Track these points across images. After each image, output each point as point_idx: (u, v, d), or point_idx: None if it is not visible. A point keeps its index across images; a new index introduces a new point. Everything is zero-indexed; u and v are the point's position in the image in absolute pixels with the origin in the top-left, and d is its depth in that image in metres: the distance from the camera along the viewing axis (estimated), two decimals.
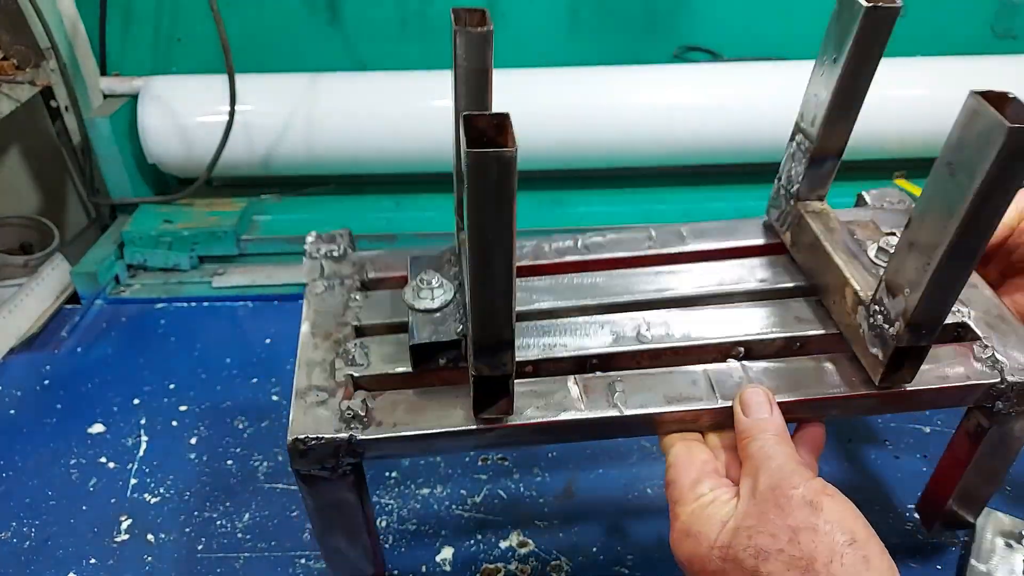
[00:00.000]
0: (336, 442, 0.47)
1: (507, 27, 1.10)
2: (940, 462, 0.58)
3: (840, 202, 1.05)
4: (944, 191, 0.40)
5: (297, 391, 0.49)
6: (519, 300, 0.55)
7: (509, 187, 0.36)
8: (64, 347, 0.87)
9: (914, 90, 1.04)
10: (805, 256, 0.57)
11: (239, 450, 0.73)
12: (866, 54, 0.50)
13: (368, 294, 0.58)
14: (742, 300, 0.56)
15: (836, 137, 0.54)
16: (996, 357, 0.50)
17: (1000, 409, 0.51)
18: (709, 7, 1.11)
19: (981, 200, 0.38)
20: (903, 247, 0.44)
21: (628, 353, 0.52)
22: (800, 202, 0.58)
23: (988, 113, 0.36)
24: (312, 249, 0.61)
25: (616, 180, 1.14)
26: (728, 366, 0.51)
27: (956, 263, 0.41)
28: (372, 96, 1.04)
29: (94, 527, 0.65)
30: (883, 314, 0.47)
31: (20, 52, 0.95)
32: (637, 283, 0.57)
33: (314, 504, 0.50)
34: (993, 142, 0.36)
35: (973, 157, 0.37)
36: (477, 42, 0.46)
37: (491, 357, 0.44)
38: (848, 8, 0.49)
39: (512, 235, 0.38)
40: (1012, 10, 1.13)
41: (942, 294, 0.43)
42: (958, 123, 0.38)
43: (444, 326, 0.49)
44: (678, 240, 0.61)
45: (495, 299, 0.41)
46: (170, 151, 1.03)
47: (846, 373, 0.50)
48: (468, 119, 0.36)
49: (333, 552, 0.54)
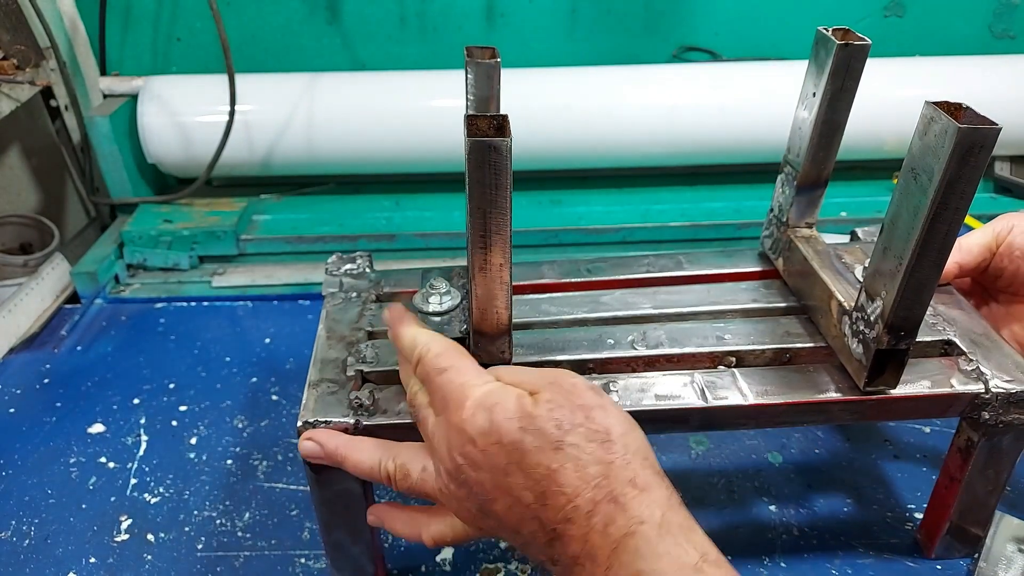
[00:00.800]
0: (343, 427, 0.50)
1: (507, 27, 1.10)
2: (936, 485, 0.58)
3: (841, 202, 1.05)
4: (910, 195, 0.43)
5: (310, 383, 0.53)
6: (524, 312, 0.58)
7: (505, 174, 0.40)
8: (64, 346, 0.87)
9: (913, 90, 1.04)
10: (795, 279, 0.60)
11: (239, 449, 0.73)
12: (841, 87, 0.53)
13: (383, 305, 0.61)
14: (735, 317, 0.59)
15: (820, 167, 0.58)
16: (981, 369, 0.52)
17: (987, 420, 0.52)
18: (709, 7, 1.11)
19: (942, 199, 0.41)
20: (878, 252, 0.47)
21: (624, 359, 0.54)
22: (790, 229, 0.61)
23: (941, 118, 0.40)
24: (333, 267, 0.64)
25: (616, 180, 1.14)
26: (718, 371, 0.53)
27: (926, 262, 0.44)
28: (372, 96, 1.04)
29: (94, 526, 0.65)
30: (864, 319, 0.49)
31: (20, 52, 0.95)
32: (635, 300, 0.60)
33: (320, 495, 0.52)
34: (948, 143, 0.39)
35: (932, 160, 0.41)
36: (487, 72, 0.53)
37: (490, 344, 0.48)
38: (823, 45, 0.53)
39: (508, 220, 0.42)
40: (1010, 10, 1.13)
41: (916, 294, 0.45)
42: (917, 131, 0.42)
43: (449, 326, 0.53)
44: (676, 267, 0.64)
45: (494, 285, 0.45)
46: (170, 151, 1.03)
47: (833, 380, 0.52)
48: (470, 119, 0.41)
49: (336, 549, 0.56)
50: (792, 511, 0.65)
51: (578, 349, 0.54)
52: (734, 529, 0.64)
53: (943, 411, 0.52)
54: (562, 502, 0.39)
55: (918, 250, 0.43)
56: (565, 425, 0.40)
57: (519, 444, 0.40)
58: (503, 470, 0.41)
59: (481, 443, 0.41)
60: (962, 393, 0.51)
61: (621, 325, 0.57)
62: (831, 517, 0.65)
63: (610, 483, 0.39)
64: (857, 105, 0.55)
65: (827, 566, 0.61)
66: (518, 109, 1.05)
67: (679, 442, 0.73)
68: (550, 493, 0.40)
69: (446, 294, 0.55)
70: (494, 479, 0.41)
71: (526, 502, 0.40)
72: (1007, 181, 1.10)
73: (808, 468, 0.70)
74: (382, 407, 0.51)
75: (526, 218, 1.06)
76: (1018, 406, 0.51)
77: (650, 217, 1.06)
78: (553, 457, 0.40)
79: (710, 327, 0.56)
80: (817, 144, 0.56)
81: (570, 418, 0.40)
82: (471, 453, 0.42)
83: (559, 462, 0.39)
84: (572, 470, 0.39)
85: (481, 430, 0.41)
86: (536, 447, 0.40)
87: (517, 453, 0.40)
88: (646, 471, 0.40)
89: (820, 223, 1.03)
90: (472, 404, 0.42)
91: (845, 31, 0.52)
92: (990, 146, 0.39)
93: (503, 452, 0.41)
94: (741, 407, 0.51)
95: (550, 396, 0.41)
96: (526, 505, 0.40)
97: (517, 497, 0.41)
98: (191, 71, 1.09)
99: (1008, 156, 1.12)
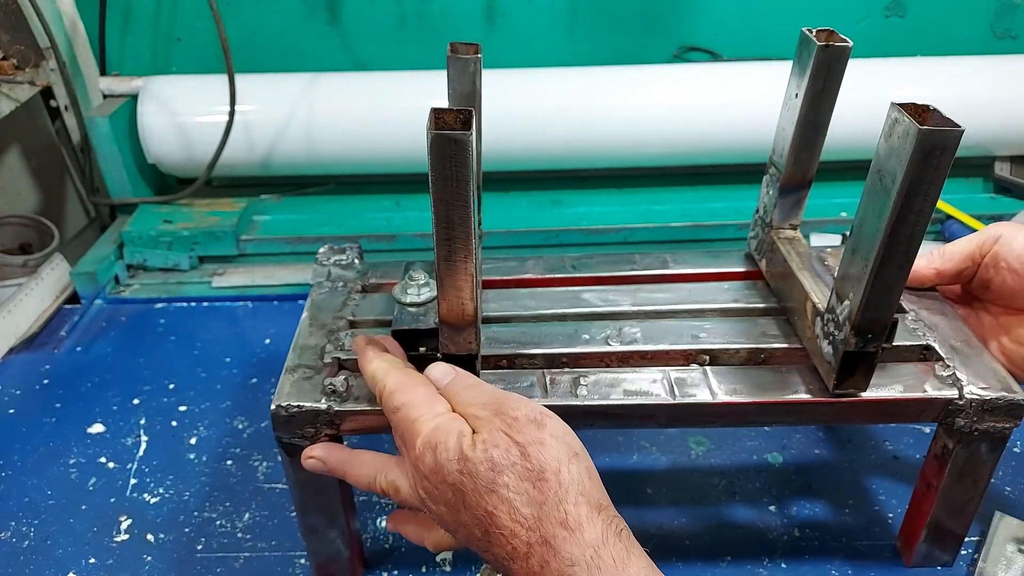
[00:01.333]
0: (316, 411, 0.50)
1: (507, 27, 1.10)
2: (914, 492, 0.58)
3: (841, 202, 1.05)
4: (876, 197, 0.43)
5: (287, 368, 0.53)
6: (504, 307, 0.59)
7: (466, 166, 0.40)
8: (64, 347, 0.87)
9: (913, 90, 1.04)
10: (776, 280, 0.60)
11: (239, 450, 0.73)
12: (823, 89, 0.53)
13: (366, 295, 0.61)
14: (714, 316, 0.59)
15: (803, 168, 0.58)
16: (957, 376, 0.52)
17: (961, 427, 0.51)
18: (709, 7, 1.11)
19: (905, 201, 0.41)
20: (847, 254, 0.47)
21: (597, 354, 0.54)
22: (774, 230, 0.61)
23: (904, 119, 0.40)
24: (323, 258, 0.65)
25: (616, 180, 1.14)
26: (689, 369, 0.54)
27: (891, 264, 0.44)
28: (372, 96, 1.04)
29: (93, 527, 0.65)
30: (834, 321, 0.49)
31: (20, 52, 0.95)
32: (616, 297, 0.60)
33: (294, 477, 0.53)
34: (909, 145, 0.39)
35: (895, 162, 0.41)
36: (468, 68, 0.52)
37: (457, 335, 0.48)
38: (805, 47, 0.53)
39: (470, 212, 0.42)
40: (1012, 10, 1.13)
41: (882, 296, 0.46)
42: (883, 133, 0.42)
43: (426, 317, 0.53)
44: (661, 265, 0.64)
45: (458, 276, 0.45)
46: (170, 151, 1.03)
47: (805, 382, 0.53)
48: (436, 112, 0.41)
49: (311, 532, 0.57)
50: (792, 512, 0.65)
51: (552, 343, 0.55)
52: (734, 529, 0.64)
53: (916, 416, 0.52)
54: (502, 542, 0.40)
55: (883, 252, 0.43)
56: (499, 466, 0.41)
57: (459, 485, 0.42)
58: (454, 506, 0.42)
59: (432, 480, 0.43)
60: (935, 398, 0.51)
61: (598, 321, 0.57)
62: (831, 518, 0.65)
63: (542, 526, 0.40)
64: (857, 105, 0.55)
65: (827, 566, 0.61)
66: (518, 109, 1.07)
67: (679, 442, 0.73)
68: (492, 533, 0.41)
69: (424, 285, 0.55)
70: (450, 513, 0.43)
71: (476, 537, 0.42)
72: (1007, 181, 1.10)
73: (808, 469, 0.69)
74: (355, 394, 0.51)
75: (526, 218, 1.06)
76: (993, 414, 0.51)
77: (650, 217, 1.06)
78: (488, 500, 0.41)
79: (687, 325, 0.57)
80: (799, 145, 0.56)
81: (505, 457, 0.41)
82: (428, 488, 0.44)
83: (494, 505, 0.41)
84: (506, 513, 0.40)
85: (430, 468, 0.43)
86: (472, 489, 0.41)
87: (460, 493, 0.42)
88: (579, 508, 0.40)
89: (820, 223, 1.04)
90: (420, 443, 0.43)
91: (829, 32, 0.52)
92: (952, 148, 0.39)
93: (450, 490, 0.42)
94: (709, 405, 0.51)
95: (487, 434, 0.42)
96: (477, 539, 0.42)
97: (470, 531, 0.42)
98: (191, 71, 1.09)
99: (1008, 156, 1.12)
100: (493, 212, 1.06)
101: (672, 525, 0.65)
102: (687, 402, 0.51)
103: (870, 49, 1.10)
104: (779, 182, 0.58)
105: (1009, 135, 1.07)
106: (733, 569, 0.61)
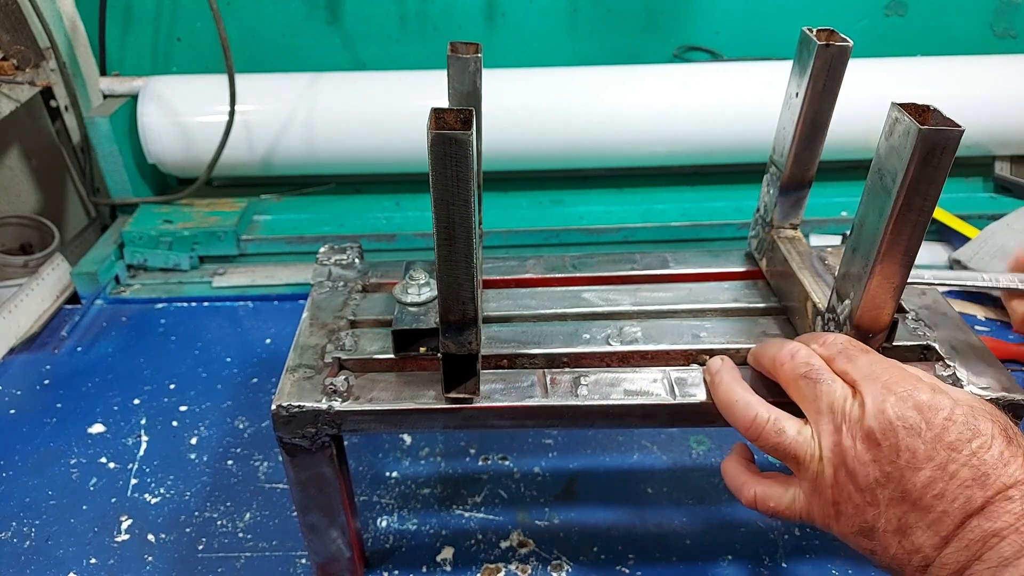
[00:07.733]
0: (316, 411, 0.50)
1: (507, 27, 1.10)
2: None
3: (842, 201, 1.05)
4: (877, 197, 0.44)
5: (288, 368, 0.53)
6: (505, 306, 0.59)
7: (466, 166, 0.40)
8: (64, 347, 0.87)
9: (914, 89, 1.04)
10: (777, 279, 0.60)
11: (239, 450, 0.73)
12: (823, 88, 0.53)
13: (367, 295, 0.61)
14: (714, 315, 0.59)
15: (804, 168, 0.58)
16: (957, 376, 0.52)
17: None
18: (709, 7, 1.11)
19: (906, 200, 0.41)
20: (848, 254, 0.47)
21: (597, 354, 0.54)
22: (774, 230, 0.61)
23: (904, 119, 0.40)
24: (324, 257, 0.65)
25: (616, 180, 1.14)
26: (690, 369, 0.54)
27: (892, 263, 0.44)
28: (372, 96, 1.04)
29: (94, 527, 0.65)
30: (834, 320, 0.49)
31: (20, 52, 0.95)
32: (616, 297, 0.60)
33: (295, 476, 0.53)
34: (910, 145, 0.40)
35: (896, 162, 0.41)
36: (468, 68, 0.52)
37: (457, 334, 0.48)
38: (806, 46, 0.53)
39: (470, 212, 0.42)
40: (1012, 9, 1.13)
41: (882, 295, 0.46)
42: (884, 132, 0.42)
43: (426, 316, 0.53)
44: (661, 265, 0.64)
45: (459, 275, 0.45)
46: (170, 151, 1.03)
47: None
48: (436, 112, 0.40)
49: (312, 531, 0.56)
50: None
51: (553, 343, 0.55)
52: (735, 529, 0.64)
53: None
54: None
55: (883, 251, 0.44)
56: (976, 436, 0.40)
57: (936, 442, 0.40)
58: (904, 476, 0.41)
59: (915, 430, 0.41)
60: None
61: (599, 321, 0.57)
62: None
63: None
64: (858, 105, 0.55)
65: (828, 566, 0.61)
66: (518, 109, 1.06)
67: (680, 442, 0.73)
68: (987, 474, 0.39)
69: (425, 285, 0.55)
70: (927, 450, 0.40)
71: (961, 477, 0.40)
72: (1007, 181, 1.10)
73: None
74: (355, 394, 0.51)
75: (526, 218, 1.06)
76: None
77: (651, 217, 1.06)
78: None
79: (687, 325, 0.57)
80: (800, 145, 0.56)
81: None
82: (906, 430, 0.41)
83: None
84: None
85: (929, 404, 0.41)
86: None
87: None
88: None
89: (821, 223, 1.04)
90: (927, 384, 0.42)
91: (829, 32, 0.52)
92: (953, 148, 0.40)
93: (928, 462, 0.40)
94: (710, 404, 0.51)
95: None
96: (952, 478, 0.40)
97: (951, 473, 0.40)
98: (191, 71, 1.09)
99: (1008, 156, 1.12)
100: (493, 212, 1.07)
101: (673, 524, 0.65)
102: (688, 402, 0.51)
103: (870, 48, 1.11)
104: (779, 181, 0.59)
105: (1009, 135, 1.07)
106: (734, 568, 0.61)
